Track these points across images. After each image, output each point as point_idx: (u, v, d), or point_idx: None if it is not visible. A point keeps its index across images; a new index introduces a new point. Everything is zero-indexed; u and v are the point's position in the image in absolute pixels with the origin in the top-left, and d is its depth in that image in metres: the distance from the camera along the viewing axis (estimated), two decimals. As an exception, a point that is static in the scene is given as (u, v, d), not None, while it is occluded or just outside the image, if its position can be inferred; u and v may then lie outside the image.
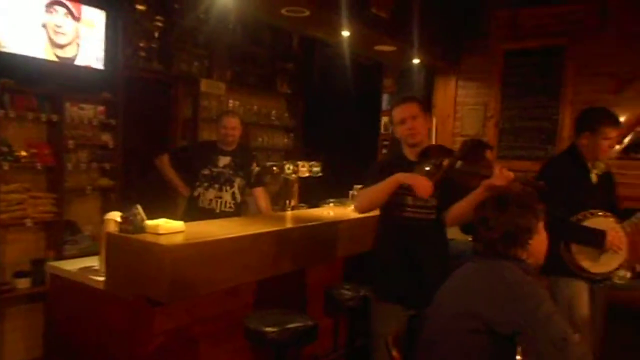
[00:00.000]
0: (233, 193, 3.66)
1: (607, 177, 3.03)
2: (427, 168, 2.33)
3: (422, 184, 2.26)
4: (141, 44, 4.37)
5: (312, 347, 3.02)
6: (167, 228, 2.34)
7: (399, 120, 2.53)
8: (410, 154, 2.55)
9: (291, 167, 3.49)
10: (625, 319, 3.43)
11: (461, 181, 2.32)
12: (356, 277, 3.15)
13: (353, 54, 4.58)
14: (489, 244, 1.83)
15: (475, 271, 1.83)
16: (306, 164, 3.55)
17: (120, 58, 3.88)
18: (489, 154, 3.09)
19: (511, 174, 2.18)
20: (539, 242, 1.83)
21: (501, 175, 2.16)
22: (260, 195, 3.80)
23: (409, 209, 2.47)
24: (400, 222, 2.48)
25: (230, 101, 5.34)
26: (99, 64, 3.68)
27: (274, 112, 5.99)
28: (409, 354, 1.95)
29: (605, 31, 4.15)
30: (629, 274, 3.72)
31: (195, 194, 3.64)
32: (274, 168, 3.70)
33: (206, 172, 3.61)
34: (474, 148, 2.43)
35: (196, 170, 3.63)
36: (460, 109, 4.81)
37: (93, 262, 2.58)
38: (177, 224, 2.41)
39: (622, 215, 2.97)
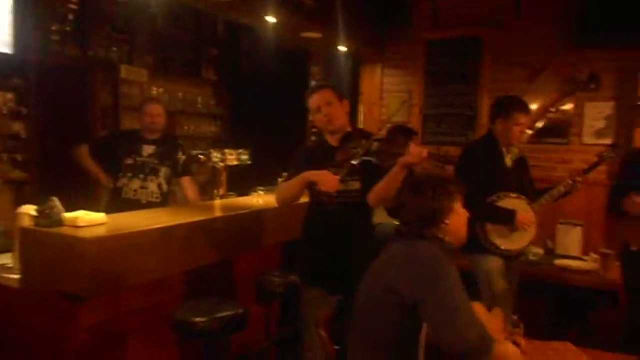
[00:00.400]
0: (159, 183, 3.56)
1: (521, 161, 3.24)
2: (349, 156, 2.36)
3: (327, 179, 2.33)
4: (53, 27, 4.11)
5: (244, 337, 3.02)
6: (87, 220, 2.25)
7: (315, 108, 2.56)
8: (331, 140, 2.59)
9: (218, 156, 3.44)
10: (537, 291, 3.69)
11: (380, 162, 2.38)
12: (292, 263, 3.18)
13: (280, 40, 4.55)
14: (408, 226, 1.92)
15: (395, 251, 1.91)
16: (234, 152, 3.51)
17: (31, 42, 3.64)
18: (412, 143, 3.22)
19: (425, 152, 2.25)
20: (456, 222, 1.91)
21: (415, 152, 2.22)
22: (188, 185, 3.72)
23: (332, 192, 2.47)
24: (326, 207, 2.51)
25: (154, 88, 5.17)
26: (6, 48, 3.44)
27: (199, 99, 5.86)
28: (341, 336, 2.01)
29: (518, 22, 4.37)
30: (541, 251, 3.99)
31: (119, 184, 3.51)
32: (201, 156, 3.64)
33: (130, 161, 3.49)
34: (399, 134, 2.52)
35: (119, 160, 3.50)
36: (387, 96, 4.92)
37: (6, 259, 2.43)
38: (98, 216, 2.32)
39: (537, 195, 3.19)
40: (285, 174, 3.67)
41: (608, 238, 3.95)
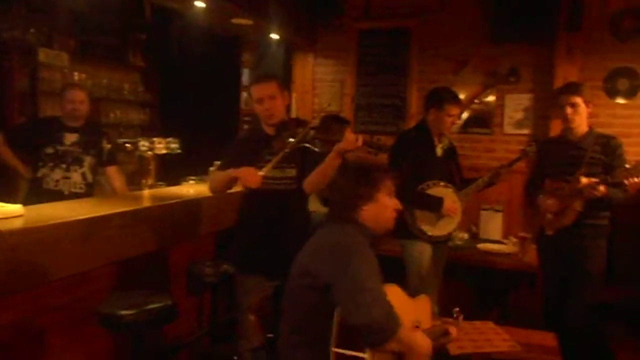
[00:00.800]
0: (83, 173, 3.41)
1: (450, 151, 3.38)
2: (285, 144, 2.39)
3: (248, 175, 2.36)
4: (-38, 6, 3.80)
5: (176, 328, 2.97)
6: (2, 212, 2.11)
7: (257, 98, 2.58)
8: (268, 129, 2.62)
9: (146, 144, 3.33)
10: (463, 274, 3.86)
11: (317, 149, 2.42)
12: (226, 253, 3.15)
13: (210, 26, 4.45)
14: (333, 208, 1.99)
15: (319, 234, 1.95)
16: (163, 141, 3.42)
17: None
18: (347, 130, 3.29)
19: (360, 139, 2.29)
20: (375, 210, 1.94)
21: (350, 139, 2.26)
22: (114, 175, 3.59)
23: (269, 180, 2.52)
24: (261, 194, 2.52)
25: (76, 73, 4.91)
26: None
27: (126, 86, 5.63)
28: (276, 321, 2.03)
29: (444, 15, 4.51)
30: (466, 235, 4.18)
31: (39, 174, 3.33)
32: (127, 145, 3.52)
33: (50, 151, 3.32)
34: (328, 118, 2.57)
35: (38, 150, 3.32)
36: (319, 85, 4.94)
37: None
38: (14, 208, 2.18)
39: (464, 184, 3.34)
40: (217, 162, 3.64)
41: (526, 222, 4.19)
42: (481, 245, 3.96)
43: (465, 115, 4.52)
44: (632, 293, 3.41)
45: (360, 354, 1.67)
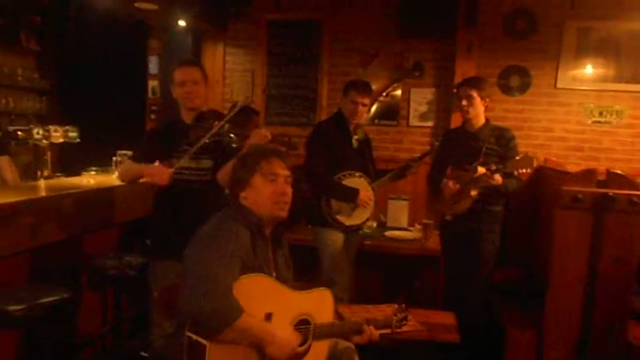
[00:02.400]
0: (-32, 163, 3.13)
1: (365, 143, 3.47)
2: (201, 134, 2.45)
3: (157, 174, 2.43)
4: None
5: (81, 324, 2.82)
6: None
7: (179, 81, 2.62)
8: (187, 117, 2.65)
9: (41, 132, 3.12)
10: (372, 261, 3.99)
11: (231, 142, 2.49)
12: (135, 244, 3.04)
13: (113, 10, 4.23)
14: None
15: (210, 220, 1.93)
16: (59, 129, 3.22)
17: None
18: (256, 119, 3.34)
19: (268, 134, 2.43)
20: (253, 195, 1.94)
21: (258, 134, 2.41)
22: (4, 165, 3.34)
23: (184, 171, 2.54)
24: (176, 185, 2.52)
25: (-40, 56, 4.47)
26: None
27: (20, 71, 5.22)
28: None
29: (354, 8, 4.61)
30: (375, 224, 4.32)
31: None
32: (20, 133, 3.26)
33: None
34: (242, 111, 2.57)
35: None
36: (230, 75, 4.86)
37: None
38: None
39: (377, 175, 3.45)
40: (120, 152, 3.50)
41: (430, 210, 4.41)
42: (388, 233, 4.11)
43: (373, 108, 4.65)
44: (521, 273, 3.70)
45: (202, 340, 1.65)
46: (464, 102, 3.15)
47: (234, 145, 2.49)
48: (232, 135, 2.47)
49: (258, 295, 1.75)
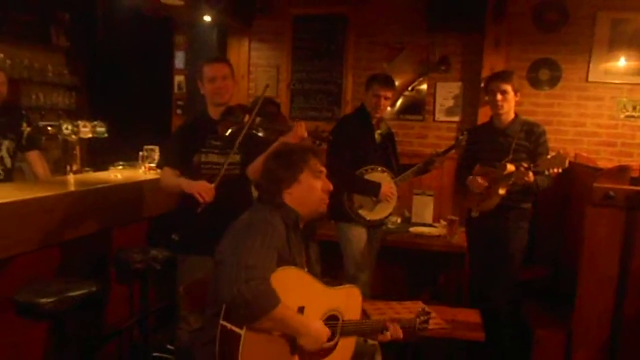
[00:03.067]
0: (1, 158, 3.20)
1: (388, 137, 3.45)
2: (230, 129, 2.50)
3: (202, 192, 2.43)
4: None
5: (107, 317, 2.87)
6: None
7: (209, 77, 2.64)
8: (214, 113, 2.67)
9: (70, 127, 3.17)
10: (396, 257, 3.97)
11: (262, 136, 2.51)
12: (161, 238, 3.07)
13: (139, 6, 4.27)
14: (260, 192, 2.00)
15: (240, 217, 1.93)
16: (88, 124, 3.27)
17: None
18: (297, 124, 3.33)
19: (305, 133, 2.44)
20: (300, 192, 1.94)
21: (296, 133, 2.42)
22: (35, 160, 3.39)
23: (214, 166, 2.58)
24: (206, 179, 2.53)
25: (-7, 52, 4.59)
26: None
27: (50, 67, 5.33)
28: None
29: (380, 1, 4.56)
30: (399, 220, 4.29)
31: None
32: (50, 128, 3.33)
33: (-36, 134, 3.09)
34: (265, 104, 2.58)
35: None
36: (254, 70, 4.88)
37: None
38: None
39: (401, 170, 3.42)
40: (147, 147, 3.54)
41: (456, 206, 4.35)
42: (413, 229, 4.08)
43: (399, 102, 4.60)
44: (549, 272, 3.62)
45: (237, 329, 1.66)
46: (499, 97, 3.07)
47: (261, 137, 2.50)
48: (261, 128, 2.50)
49: (292, 288, 1.77)
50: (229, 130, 2.48)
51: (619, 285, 2.61)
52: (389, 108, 4.54)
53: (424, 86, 4.56)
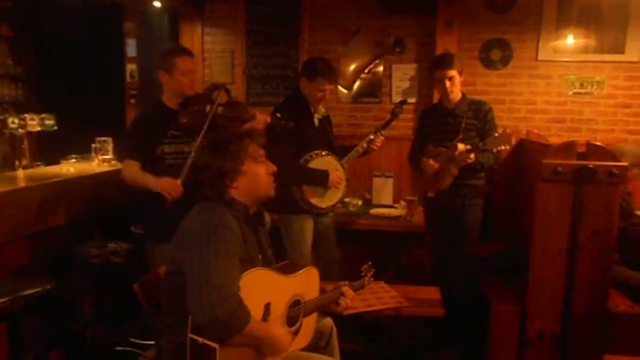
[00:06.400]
0: (-58, 155, 3.07)
1: (326, 120, 3.41)
2: (193, 118, 2.53)
3: (169, 189, 2.45)
4: None
5: (69, 313, 2.81)
6: None
7: (184, 70, 2.64)
8: (171, 103, 2.67)
9: (16, 121, 3.06)
10: (357, 240, 4.01)
11: (224, 125, 2.53)
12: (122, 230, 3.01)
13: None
14: (203, 188, 1.88)
15: (187, 218, 1.86)
16: (36, 117, 3.17)
17: None
18: (258, 112, 3.27)
19: (267, 118, 2.58)
20: (247, 182, 1.88)
21: (260, 120, 2.54)
22: (-20, 156, 3.26)
23: (174, 155, 2.60)
24: (168, 169, 2.57)
25: None
26: None
27: (-7, 58, 5.08)
28: None
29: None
30: (360, 202, 4.32)
31: None
32: (-6, 122, 3.19)
33: None
34: (214, 89, 2.58)
35: None
36: (209, 56, 4.78)
37: None
38: None
39: (341, 152, 3.39)
40: (99, 138, 3.45)
41: (415, 187, 4.42)
42: (373, 211, 4.12)
43: (356, 85, 4.61)
44: (506, 247, 3.74)
45: (211, 343, 1.63)
46: (447, 84, 3.14)
47: (224, 125, 2.53)
48: (224, 118, 2.55)
49: (257, 289, 1.77)
50: (192, 120, 2.47)
51: (568, 257, 2.72)
52: (345, 91, 4.61)
53: (380, 68, 4.59)
